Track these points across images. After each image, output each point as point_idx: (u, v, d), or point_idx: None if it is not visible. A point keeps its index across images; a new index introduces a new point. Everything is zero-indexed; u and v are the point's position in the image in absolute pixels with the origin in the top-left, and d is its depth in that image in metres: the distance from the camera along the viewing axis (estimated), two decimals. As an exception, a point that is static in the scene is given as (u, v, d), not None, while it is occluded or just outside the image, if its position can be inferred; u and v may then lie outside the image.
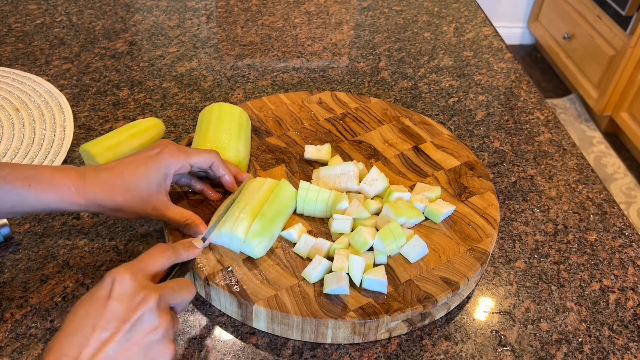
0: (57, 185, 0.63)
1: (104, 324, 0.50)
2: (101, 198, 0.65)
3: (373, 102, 0.96)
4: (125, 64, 1.08)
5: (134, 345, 0.51)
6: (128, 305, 0.52)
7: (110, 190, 0.65)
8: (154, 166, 0.67)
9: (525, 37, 3.21)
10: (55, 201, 0.64)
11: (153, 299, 0.53)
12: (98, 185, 0.65)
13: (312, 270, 0.67)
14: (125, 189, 0.66)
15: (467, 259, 0.71)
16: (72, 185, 0.64)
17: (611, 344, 0.69)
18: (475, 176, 0.83)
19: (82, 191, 0.64)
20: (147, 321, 0.52)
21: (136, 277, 0.54)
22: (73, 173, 0.65)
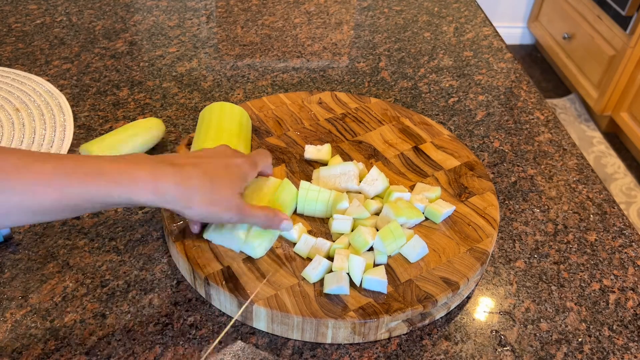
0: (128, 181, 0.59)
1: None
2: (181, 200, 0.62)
3: (373, 102, 0.96)
4: (125, 64, 1.08)
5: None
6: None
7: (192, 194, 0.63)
8: (238, 177, 0.67)
9: (525, 37, 3.22)
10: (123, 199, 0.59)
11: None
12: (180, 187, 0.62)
13: (312, 270, 0.67)
14: (210, 194, 0.64)
15: (467, 259, 0.71)
16: (148, 182, 0.60)
17: (611, 344, 0.69)
18: (475, 176, 0.83)
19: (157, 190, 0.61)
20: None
21: None
22: (146, 167, 0.61)
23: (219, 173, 0.65)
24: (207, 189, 0.64)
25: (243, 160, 0.69)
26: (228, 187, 0.65)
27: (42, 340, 0.65)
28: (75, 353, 0.63)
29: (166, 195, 0.61)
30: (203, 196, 0.63)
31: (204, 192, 0.63)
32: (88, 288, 0.70)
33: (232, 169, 0.67)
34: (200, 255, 0.69)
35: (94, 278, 0.71)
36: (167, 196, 0.61)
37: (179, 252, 0.69)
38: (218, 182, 0.65)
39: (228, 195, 0.65)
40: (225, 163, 0.67)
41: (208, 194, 0.64)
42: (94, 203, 0.58)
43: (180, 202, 0.62)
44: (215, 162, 0.66)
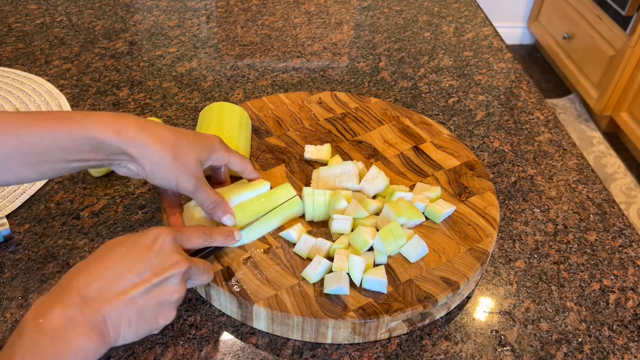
0: (93, 122, 0.60)
1: (140, 269, 0.55)
2: (144, 143, 0.62)
3: (373, 102, 0.96)
4: (125, 64, 1.08)
5: (152, 298, 0.56)
6: (163, 262, 0.56)
7: (155, 140, 0.62)
8: (206, 147, 0.68)
9: (525, 37, 3.22)
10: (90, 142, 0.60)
11: (184, 267, 0.57)
12: (145, 130, 0.62)
13: (312, 270, 0.67)
14: (172, 149, 0.63)
15: (467, 259, 0.71)
16: (111, 123, 0.60)
17: (611, 344, 0.69)
18: (475, 176, 0.83)
19: (121, 131, 0.61)
20: (171, 283, 0.57)
21: (176, 242, 0.59)
22: (111, 114, 0.62)
23: (187, 135, 0.66)
24: (170, 141, 0.64)
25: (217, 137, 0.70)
26: (192, 149, 0.66)
27: (42, 340, 0.65)
28: (75, 353, 0.63)
29: (128, 136, 0.61)
30: (165, 145, 0.63)
31: (166, 142, 0.63)
32: (88, 288, 0.70)
33: (202, 137, 0.68)
34: (200, 255, 0.69)
35: (94, 278, 0.71)
36: (130, 137, 0.61)
37: (179, 252, 0.69)
38: (184, 140, 0.65)
39: (191, 158, 0.65)
40: (196, 133, 0.69)
41: (170, 146, 0.63)
42: (58, 153, 0.60)
43: (144, 146, 0.62)
44: (184, 131, 0.67)
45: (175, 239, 0.59)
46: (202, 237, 0.63)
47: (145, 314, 0.56)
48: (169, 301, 0.57)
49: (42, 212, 0.79)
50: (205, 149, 0.68)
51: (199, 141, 0.67)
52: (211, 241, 0.65)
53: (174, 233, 0.59)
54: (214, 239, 0.65)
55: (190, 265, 0.58)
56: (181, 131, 0.66)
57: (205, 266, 0.62)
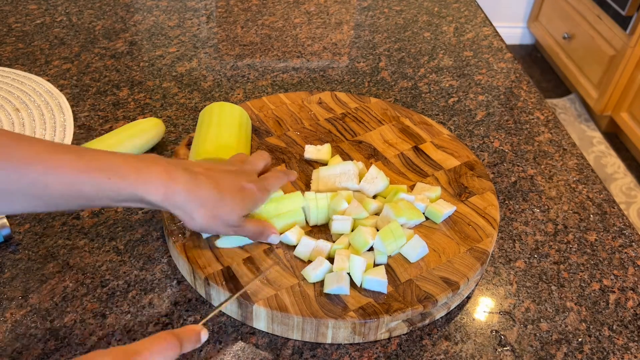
0: (141, 183, 0.59)
1: None
2: (188, 209, 0.62)
3: (373, 102, 0.96)
4: (125, 64, 1.08)
5: None
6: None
7: (201, 204, 0.63)
8: (249, 203, 0.67)
9: (525, 37, 3.22)
10: (134, 199, 0.60)
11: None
12: (191, 196, 0.62)
13: (312, 270, 0.67)
14: (217, 210, 0.64)
15: (467, 259, 0.71)
16: (160, 186, 0.60)
17: (611, 344, 0.69)
18: (475, 176, 0.83)
19: (169, 195, 0.61)
20: None
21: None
22: (162, 170, 0.61)
23: (231, 192, 0.65)
24: (215, 204, 0.64)
25: (258, 187, 0.68)
26: (235, 209, 0.65)
27: (42, 340, 0.65)
28: (75, 353, 0.63)
29: (175, 200, 0.61)
30: (208, 209, 0.63)
31: (211, 205, 0.63)
32: (88, 288, 0.70)
33: (245, 193, 0.66)
34: (200, 256, 0.69)
35: (94, 278, 0.71)
36: (176, 201, 0.61)
37: (179, 252, 0.69)
38: (227, 200, 0.64)
39: (232, 215, 0.65)
40: (241, 185, 0.66)
41: (214, 209, 0.64)
42: (103, 198, 0.59)
43: (186, 209, 0.62)
44: (230, 179, 0.66)
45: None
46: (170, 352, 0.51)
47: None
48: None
49: (42, 212, 0.79)
50: (247, 206, 0.67)
51: (242, 199, 0.66)
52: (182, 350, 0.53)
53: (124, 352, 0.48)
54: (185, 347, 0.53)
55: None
56: (226, 190, 0.64)
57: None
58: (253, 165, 0.72)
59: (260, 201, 0.69)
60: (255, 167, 0.72)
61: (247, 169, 0.70)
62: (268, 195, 0.70)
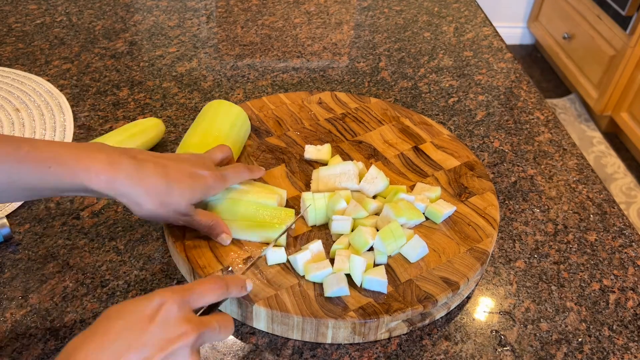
0: (82, 170, 0.59)
1: (140, 346, 0.49)
2: (133, 195, 0.62)
3: (373, 102, 0.96)
4: (125, 64, 1.08)
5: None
6: (168, 334, 0.50)
7: (147, 191, 0.62)
8: (200, 189, 0.66)
9: (525, 37, 3.21)
10: (77, 187, 0.59)
11: (192, 337, 0.51)
12: (135, 182, 0.61)
13: (315, 269, 0.66)
14: (163, 197, 0.63)
15: (467, 259, 0.71)
16: (102, 172, 0.59)
17: (611, 344, 0.69)
18: (475, 176, 0.83)
19: (111, 182, 0.60)
20: (179, 357, 0.50)
21: (183, 308, 0.52)
22: (103, 157, 0.60)
23: (180, 179, 0.64)
24: (161, 191, 0.63)
25: (211, 174, 0.67)
26: (184, 195, 0.64)
27: (42, 340, 0.65)
28: (75, 353, 0.63)
29: (118, 188, 0.61)
30: (155, 196, 0.63)
31: (156, 193, 0.63)
32: (88, 288, 0.70)
33: (196, 179, 0.65)
34: (200, 256, 0.69)
35: (94, 278, 0.71)
36: (119, 188, 0.61)
37: (178, 252, 0.69)
38: (175, 187, 0.64)
39: (181, 202, 0.65)
40: (191, 171, 0.65)
41: (160, 196, 0.63)
42: (46, 189, 0.59)
43: (131, 196, 0.62)
44: (180, 167, 0.65)
45: (183, 304, 0.52)
46: (219, 291, 0.56)
47: (178, 178, 0.51)
48: (201, 175, 0.52)
49: (42, 212, 0.79)
50: (198, 191, 0.66)
51: (192, 185, 0.65)
52: (228, 294, 0.58)
53: (181, 296, 0.52)
54: (231, 291, 0.58)
55: (200, 333, 0.52)
56: (174, 176, 0.64)
57: (222, 323, 0.55)
58: (211, 155, 0.71)
59: (213, 189, 0.68)
60: (213, 157, 0.71)
61: (203, 156, 0.69)
62: (224, 185, 0.69)
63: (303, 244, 0.72)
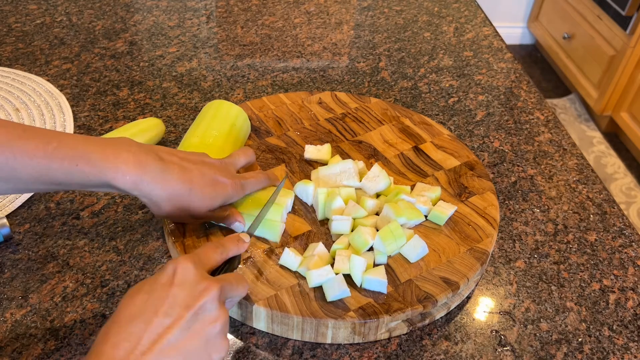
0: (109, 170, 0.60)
1: (166, 309, 0.49)
2: (155, 198, 0.63)
3: (373, 102, 0.96)
4: (125, 64, 1.08)
5: (194, 335, 0.50)
6: (191, 292, 0.51)
7: (169, 195, 0.63)
8: (220, 197, 0.67)
9: (525, 37, 3.22)
10: (103, 184, 0.60)
11: (215, 289, 0.52)
12: (160, 185, 0.62)
13: (317, 275, 0.66)
14: (184, 202, 0.64)
15: (467, 259, 0.71)
16: (128, 173, 0.60)
17: (611, 344, 0.69)
18: (475, 176, 0.83)
19: (138, 183, 0.61)
20: (208, 311, 0.51)
21: (198, 267, 0.53)
22: (131, 158, 0.61)
23: (202, 186, 0.65)
24: (183, 196, 0.64)
25: (232, 183, 0.67)
26: (204, 202, 0.65)
27: (42, 340, 0.65)
28: (75, 353, 0.63)
29: (143, 188, 0.62)
30: (176, 201, 0.64)
31: (179, 198, 0.64)
32: (88, 288, 0.70)
33: (217, 187, 0.66)
34: (200, 255, 0.69)
35: (94, 278, 0.71)
36: (144, 189, 0.62)
37: (178, 252, 0.69)
38: (197, 194, 0.64)
39: (200, 209, 0.66)
40: (213, 179, 0.66)
41: (182, 201, 0.64)
42: (72, 184, 0.60)
43: (153, 198, 0.63)
44: (204, 173, 0.65)
45: (195, 264, 0.53)
46: (218, 251, 0.59)
47: (192, 355, 0.49)
48: (214, 332, 0.51)
49: (42, 212, 0.79)
50: (218, 199, 0.67)
51: (212, 193, 0.66)
52: (227, 252, 0.61)
53: (192, 258, 0.54)
54: (229, 249, 0.61)
55: (221, 285, 0.53)
56: (197, 182, 0.64)
57: (236, 278, 0.57)
58: (234, 159, 0.71)
59: (232, 198, 0.68)
60: (236, 163, 0.71)
61: (226, 163, 0.70)
62: (243, 194, 0.70)
63: (303, 244, 0.72)
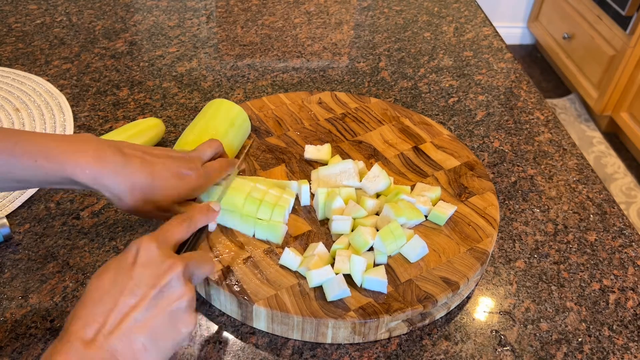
0: (69, 165, 0.60)
1: (131, 288, 0.50)
2: (117, 191, 0.62)
3: (373, 102, 0.96)
4: (125, 64, 1.08)
5: (160, 312, 0.51)
6: (155, 271, 0.52)
7: (131, 188, 0.62)
8: (184, 190, 0.66)
9: (525, 37, 3.22)
10: (65, 180, 0.60)
11: (179, 267, 0.53)
12: (120, 178, 0.62)
13: (317, 275, 0.66)
14: (147, 195, 0.63)
15: (467, 259, 0.71)
16: (88, 167, 0.60)
17: (611, 344, 0.69)
18: (475, 176, 0.83)
19: (97, 177, 0.60)
20: (173, 288, 0.52)
21: (161, 245, 0.54)
22: (90, 151, 0.61)
23: (165, 178, 0.64)
24: (146, 189, 0.63)
25: (195, 174, 0.67)
26: (168, 193, 0.65)
27: (42, 340, 0.65)
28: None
29: (103, 182, 0.61)
30: (139, 193, 0.63)
31: (141, 190, 0.63)
32: (88, 288, 0.70)
33: (181, 179, 0.66)
34: (200, 255, 0.69)
35: (94, 278, 0.71)
36: (104, 183, 0.61)
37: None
38: (159, 186, 0.64)
39: (165, 200, 0.65)
40: (177, 171, 0.65)
41: (145, 193, 0.63)
42: (33, 181, 0.61)
43: (114, 191, 0.62)
44: (167, 165, 0.65)
45: (158, 243, 0.54)
46: (184, 224, 0.59)
47: (160, 331, 0.51)
48: (181, 307, 0.52)
49: (42, 212, 0.79)
50: (182, 190, 0.66)
51: (176, 185, 0.65)
52: (195, 224, 0.61)
53: (155, 237, 0.55)
54: (197, 220, 0.61)
55: (186, 262, 0.54)
56: (159, 174, 0.64)
57: (200, 256, 0.58)
58: (199, 152, 0.71)
59: (198, 190, 0.68)
60: (202, 155, 0.70)
61: (192, 156, 0.69)
62: (208, 184, 0.69)
63: (303, 244, 0.72)
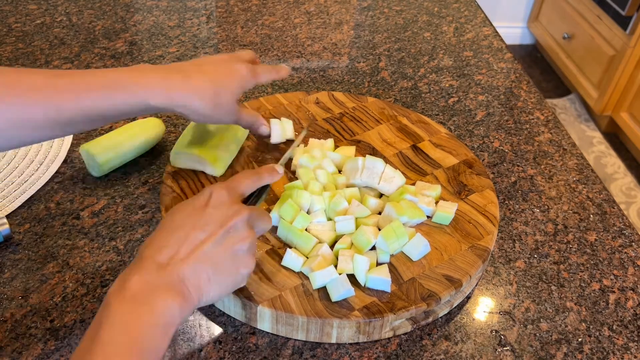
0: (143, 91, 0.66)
1: (202, 225, 0.57)
2: (188, 103, 0.69)
3: (370, 102, 0.96)
4: (125, 64, 1.08)
5: (225, 250, 0.57)
6: (224, 213, 0.58)
7: (199, 99, 0.69)
8: (238, 82, 0.73)
9: (525, 37, 3.22)
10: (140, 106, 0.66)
11: (246, 213, 0.59)
12: (189, 91, 0.69)
13: (321, 276, 0.65)
14: (214, 100, 0.70)
15: (469, 257, 0.71)
16: (159, 89, 0.66)
17: (611, 344, 0.69)
18: (474, 174, 0.83)
19: (169, 96, 0.67)
20: (239, 231, 0.58)
21: (231, 192, 0.61)
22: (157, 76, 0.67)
23: (224, 76, 0.72)
24: (212, 95, 0.71)
25: (244, 67, 0.74)
26: (229, 93, 0.73)
27: (42, 340, 0.65)
28: (75, 353, 0.63)
29: (176, 99, 0.68)
30: (208, 99, 0.71)
31: (210, 95, 0.70)
32: (88, 288, 0.70)
33: (234, 73, 0.73)
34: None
35: (94, 278, 0.71)
36: (177, 100, 0.68)
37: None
38: (221, 87, 0.72)
39: (229, 100, 0.73)
40: (228, 68, 0.73)
41: (213, 98, 0.71)
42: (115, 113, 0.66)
43: (187, 104, 0.69)
44: (219, 67, 0.73)
45: (229, 190, 0.61)
46: (252, 177, 0.65)
47: (223, 267, 0.57)
48: (243, 249, 0.58)
49: (42, 212, 0.79)
50: (239, 85, 0.73)
51: (232, 80, 0.73)
52: (261, 180, 0.66)
53: (226, 185, 0.61)
54: (263, 177, 0.67)
55: (250, 212, 0.60)
56: (218, 78, 0.72)
57: (261, 212, 0.63)
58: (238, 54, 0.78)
59: (249, 81, 0.75)
60: (241, 57, 0.77)
61: (232, 55, 0.77)
62: (256, 79, 0.76)
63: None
